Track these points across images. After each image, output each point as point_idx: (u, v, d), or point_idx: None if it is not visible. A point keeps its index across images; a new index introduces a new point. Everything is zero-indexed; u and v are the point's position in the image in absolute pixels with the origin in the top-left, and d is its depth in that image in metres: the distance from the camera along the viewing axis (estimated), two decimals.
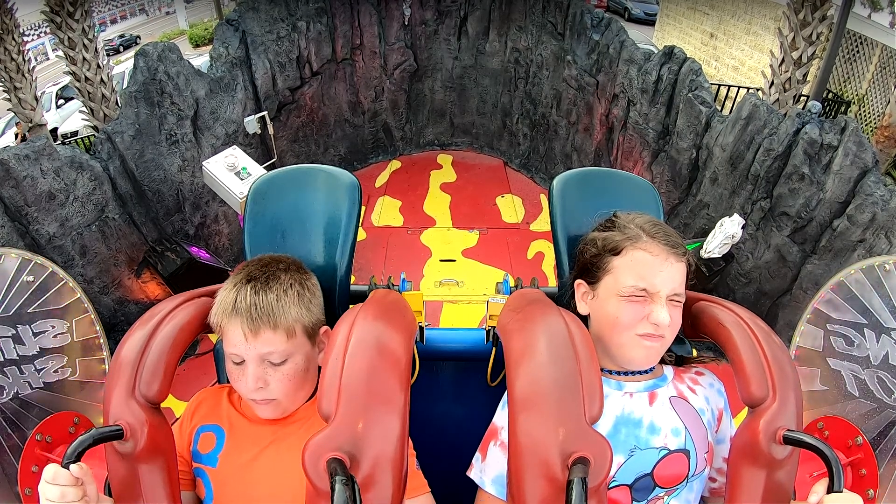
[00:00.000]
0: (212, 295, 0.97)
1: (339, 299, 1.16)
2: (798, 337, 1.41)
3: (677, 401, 0.93)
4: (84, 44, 5.50)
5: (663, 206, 1.27)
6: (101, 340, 1.46)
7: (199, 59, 8.04)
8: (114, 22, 19.88)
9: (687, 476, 0.89)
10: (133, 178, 4.10)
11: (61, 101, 10.47)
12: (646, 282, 0.89)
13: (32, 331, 1.36)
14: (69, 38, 5.44)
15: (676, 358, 1.04)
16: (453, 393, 1.48)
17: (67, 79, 6.02)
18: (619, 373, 0.94)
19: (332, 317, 1.05)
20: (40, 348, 1.36)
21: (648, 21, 15.32)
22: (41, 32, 16.03)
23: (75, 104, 9.17)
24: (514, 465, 0.74)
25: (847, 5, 6.12)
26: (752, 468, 0.77)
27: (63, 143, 6.83)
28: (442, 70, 6.57)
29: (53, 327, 1.38)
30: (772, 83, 5.48)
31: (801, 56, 5.21)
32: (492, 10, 6.17)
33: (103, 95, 5.72)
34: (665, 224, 0.97)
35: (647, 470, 0.88)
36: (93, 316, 1.45)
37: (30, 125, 6.37)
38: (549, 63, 6.02)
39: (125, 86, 4.34)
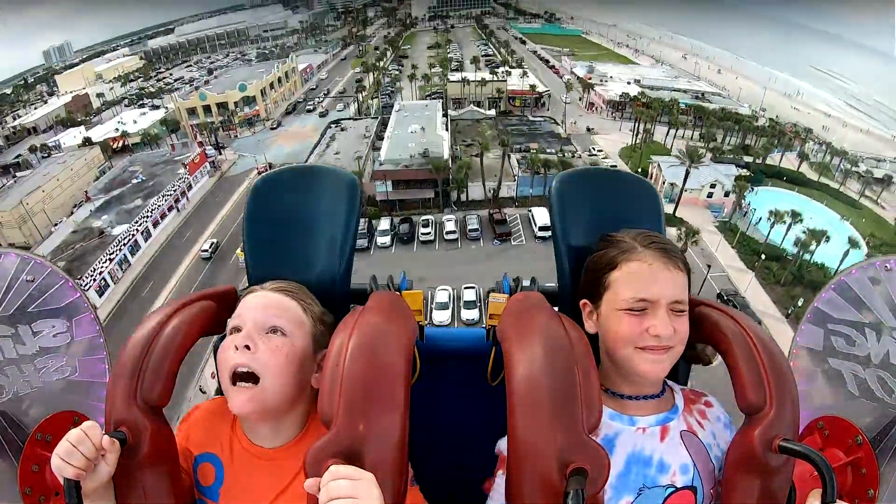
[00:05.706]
0: (211, 298, 0.97)
1: (339, 299, 1.16)
2: (798, 336, 1.41)
3: (687, 435, 0.93)
4: None
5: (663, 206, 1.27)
6: (102, 340, 1.46)
7: None
8: None
9: None
10: None
11: None
12: (645, 292, 0.88)
13: (32, 330, 1.35)
14: None
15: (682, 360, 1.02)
16: (453, 392, 1.48)
17: None
18: (630, 397, 0.94)
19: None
20: (40, 348, 1.36)
21: None
22: None
23: None
24: (512, 474, 0.74)
25: None
26: (748, 476, 0.78)
27: None
28: None
29: (53, 327, 1.38)
30: None
31: None
32: None
33: None
34: (659, 234, 0.97)
35: None
36: (93, 315, 1.45)
37: None
38: None
39: None
